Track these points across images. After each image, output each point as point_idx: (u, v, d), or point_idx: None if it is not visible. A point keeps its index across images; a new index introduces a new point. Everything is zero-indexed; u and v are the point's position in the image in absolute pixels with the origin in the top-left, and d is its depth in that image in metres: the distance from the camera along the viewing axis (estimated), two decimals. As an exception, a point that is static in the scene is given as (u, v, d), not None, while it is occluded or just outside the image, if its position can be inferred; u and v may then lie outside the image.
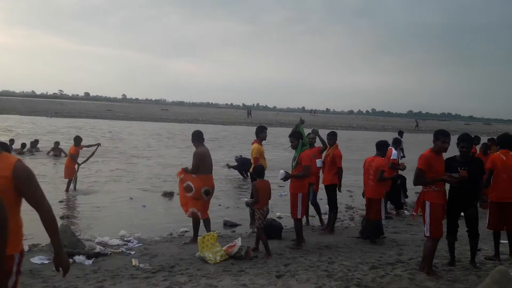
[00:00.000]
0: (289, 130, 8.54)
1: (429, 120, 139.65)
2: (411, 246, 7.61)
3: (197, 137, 7.70)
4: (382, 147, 8.09)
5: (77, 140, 12.13)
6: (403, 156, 13.03)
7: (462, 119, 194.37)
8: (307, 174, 7.35)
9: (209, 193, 7.55)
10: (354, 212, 10.87)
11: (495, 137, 9.06)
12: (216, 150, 23.18)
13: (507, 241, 6.92)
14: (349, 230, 9.02)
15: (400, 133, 18.49)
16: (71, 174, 11.75)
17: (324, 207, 9.33)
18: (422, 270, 5.77)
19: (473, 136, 8.57)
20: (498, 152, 6.88)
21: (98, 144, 12.87)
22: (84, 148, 12.46)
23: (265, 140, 8.93)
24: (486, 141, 11.63)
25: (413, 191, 11.25)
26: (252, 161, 8.78)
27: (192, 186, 7.44)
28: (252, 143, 8.93)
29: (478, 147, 12.52)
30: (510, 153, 6.86)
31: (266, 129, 9.15)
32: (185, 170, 7.59)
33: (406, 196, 11.40)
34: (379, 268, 6.01)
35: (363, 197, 8.41)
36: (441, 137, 5.73)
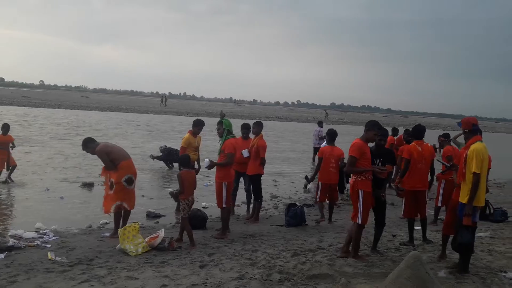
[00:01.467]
0: (216, 120, 8.48)
1: (350, 112, 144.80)
2: (331, 233, 7.87)
3: (89, 142, 7.31)
4: (333, 136, 8.91)
5: (5, 128, 11.25)
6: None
7: (381, 112, 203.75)
8: (230, 162, 7.34)
9: (132, 181, 7.19)
10: (278, 201, 11.04)
11: (410, 129, 9.55)
12: (141, 139, 22.65)
13: (420, 228, 7.35)
14: (273, 218, 9.16)
15: (320, 123, 19.14)
16: (1, 165, 10.95)
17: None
18: (343, 255, 5.98)
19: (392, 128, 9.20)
20: (413, 143, 7.23)
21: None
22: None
23: (197, 134, 8.91)
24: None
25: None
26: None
27: (113, 181, 7.10)
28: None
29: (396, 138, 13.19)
30: (424, 143, 7.28)
31: (202, 125, 9.08)
32: (106, 168, 7.24)
33: (348, 182, 11.83)
34: (300, 255, 6.15)
35: (308, 182, 9.40)
36: (377, 129, 6.12)
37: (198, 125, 9.01)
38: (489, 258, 6.21)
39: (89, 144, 7.28)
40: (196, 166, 8.87)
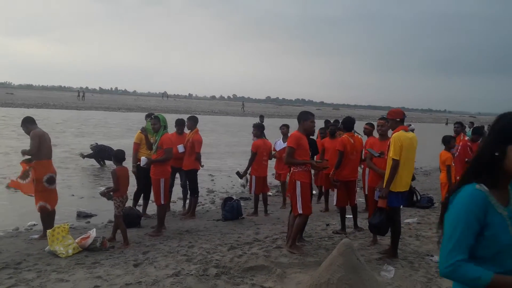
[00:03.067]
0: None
1: (285, 105, 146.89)
2: (268, 225, 7.96)
3: (29, 122, 6.97)
4: (262, 129, 9.12)
5: None
6: None
7: (314, 105, 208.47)
8: (169, 157, 7.22)
9: (53, 181, 6.92)
10: (215, 196, 11.01)
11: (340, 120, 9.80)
12: (70, 137, 21.79)
13: (351, 216, 7.59)
14: (210, 213, 9.13)
15: (261, 117, 19.27)
16: None
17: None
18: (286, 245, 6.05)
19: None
20: (345, 135, 7.41)
21: None
22: None
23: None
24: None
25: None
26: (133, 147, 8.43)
27: (31, 176, 6.75)
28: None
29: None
30: (355, 134, 7.52)
31: (152, 118, 8.53)
32: (23, 152, 6.87)
33: None
34: (237, 248, 6.17)
35: (240, 178, 9.04)
36: (311, 116, 6.22)
37: (146, 119, 8.41)
38: (416, 243, 6.52)
39: (28, 124, 6.94)
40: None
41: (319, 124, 8.51)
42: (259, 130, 9.05)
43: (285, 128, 9.87)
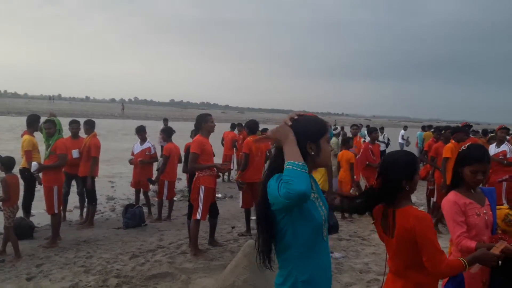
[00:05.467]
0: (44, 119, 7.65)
1: (190, 108, 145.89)
2: (172, 230, 7.81)
3: None
4: (170, 132, 8.93)
5: None
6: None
7: (220, 108, 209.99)
8: (63, 163, 6.81)
9: None
10: (115, 203, 10.58)
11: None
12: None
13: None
14: (110, 221, 8.75)
15: (165, 120, 18.99)
16: None
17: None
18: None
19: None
20: (250, 138, 7.51)
21: None
22: None
23: (36, 131, 7.68)
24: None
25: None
26: (23, 155, 7.53)
27: None
28: (22, 135, 7.79)
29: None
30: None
31: (39, 118, 7.74)
32: None
33: None
34: (139, 256, 5.98)
35: (152, 184, 8.90)
36: (209, 117, 6.27)
37: (37, 121, 7.69)
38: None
39: None
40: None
41: (225, 127, 8.55)
42: (167, 134, 8.87)
43: (143, 134, 9.09)
